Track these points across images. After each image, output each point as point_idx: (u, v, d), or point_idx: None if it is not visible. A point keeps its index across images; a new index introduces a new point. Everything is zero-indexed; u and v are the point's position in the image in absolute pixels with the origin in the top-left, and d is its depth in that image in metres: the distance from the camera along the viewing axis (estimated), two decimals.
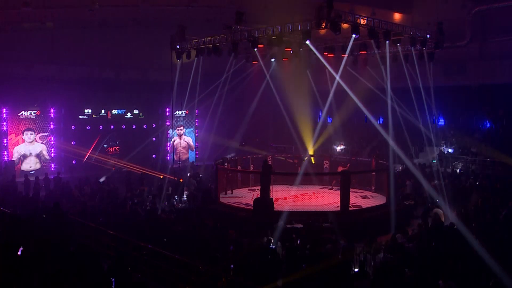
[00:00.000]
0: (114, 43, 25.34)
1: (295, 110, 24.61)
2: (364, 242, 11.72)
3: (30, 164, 24.31)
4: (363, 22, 15.92)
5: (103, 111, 27.00)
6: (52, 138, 25.07)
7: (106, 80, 27.23)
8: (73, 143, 25.37)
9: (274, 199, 15.90)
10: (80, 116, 26.17)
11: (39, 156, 24.64)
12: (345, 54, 19.61)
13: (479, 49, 24.90)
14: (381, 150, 23.08)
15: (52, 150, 25.12)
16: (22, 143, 24.16)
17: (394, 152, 18.41)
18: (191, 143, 30.33)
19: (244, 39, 17.55)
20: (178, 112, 28.14)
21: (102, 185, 19.66)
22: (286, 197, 18.54)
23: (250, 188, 20.05)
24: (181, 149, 29.49)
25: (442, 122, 26.49)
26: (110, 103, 27.24)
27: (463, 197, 17.08)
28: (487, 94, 24.07)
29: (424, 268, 9.76)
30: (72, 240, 11.17)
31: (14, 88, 23.32)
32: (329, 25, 14.71)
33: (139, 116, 28.32)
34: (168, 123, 28.47)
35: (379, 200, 18.09)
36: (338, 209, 15.63)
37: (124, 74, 27.91)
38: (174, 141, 28.87)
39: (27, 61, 24.78)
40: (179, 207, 17.62)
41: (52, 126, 25.05)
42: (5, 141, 23.60)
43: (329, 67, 20.83)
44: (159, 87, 26.13)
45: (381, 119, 27.21)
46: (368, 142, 25.21)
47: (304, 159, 21.86)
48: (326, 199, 18.42)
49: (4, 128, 23.59)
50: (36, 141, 24.57)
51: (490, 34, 24.67)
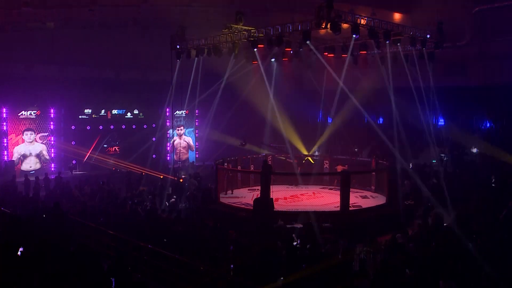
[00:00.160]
0: (114, 43, 25.27)
1: (295, 110, 24.59)
2: (364, 242, 11.71)
3: (30, 164, 24.30)
4: (363, 22, 15.94)
5: (103, 111, 26.99)
6: (52, 138, 25.06)
7: (106, 80, 27.16)
8: (73, 143, 25.36)
9: (274, 199, 15.90)
10: (80, 116, 26.16)
11: (39, 156, 24.64)
12: (345, 55, 19.61)
13: (479, 49, 24.88)
14: (381, 150, 23.06)
15: (52, 150, 25.12)
16: (22, 143, 24.15)
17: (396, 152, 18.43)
18: (191, 143, 30.32)
19: (244, 39, 17.56)
20: (178, 112, 28.13)
21: (102, 185, 19.67)
22: (286, 197, 18.55)
23: (250, 188, 20.06)
24: (181, 149, 29.48)
25: (442, 122, 26.48)
26: (110, 103, 27.22)
27: (463, 197, 17.06)
28: (487, 94, 24.04)
29: (424, 268, 9.75)
30: (72, 240, 11.16)
31: (14, 88, 23.29)
32: (329, 25, 14.72)
33: (139, 116, 28.30)
34: (168, 123, 28.47)
35: (379, 200, 18.11)
36: (338, 209, 15.65)
37: (124, 74, 27.86)
38: (174, 141, 28.87)
39: (27, 61, 24.73)
40: (180, 208, 17.60)
41: (52, 126, 25.04)
42: (5, 141, 23.59)
43: (328, 67, 20.82)
44: (159, 87, 26.08)
45: (381, 119, 27.22)
46: (368, 142, 25.20)
47: (304, 161, 21.86)
48: (326, 199, 18.43)
49: (4, 128, 23.58)
50: (36, 141, 24.56)
51: (490, 34, 24.65)
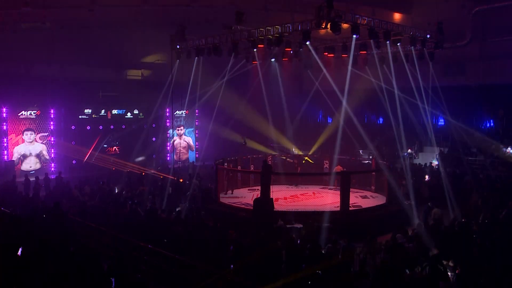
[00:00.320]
0: (114, 43, 25.30)
1: (295, 110, 24.58)
2: (364, 242, 11.71)
3: (30, 164, 24.31)
4: (363, 22, 15.91)
5: (103, 111, 27.00)
6: (52, 138, 25.06)
7: (106, 80, 27.21)
8: (73, 143, 25.37)
9: (274, 199, 15.89)
10: (80, 116, 26.17)
11: (39, 156, 24.64)
12: (345, 55, 19.59)
13: (479, 49, 24.93)
14: (381, 150, 23.06)
15: (52, 150, 25.12)
16: (22, 143, 24.15)
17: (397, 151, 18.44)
18: (191, 143, 30.33)
19: (244, 39, 17.55)
20: (178, 112, 28.13)
21: (102, 185, 19.66)
22: (286, 197, 18.55)
23: (250, 188, 20.06)
24: (181, 149, 29.50)
25: (442, 122, 26.49)
26: (110, 103, 27.23)
27: (463, 197, 17.06)
28: (487, 94, 24.08)
29: (425, 268, 9.75)
30: (72, 240, 11.14)
31: (14, 88, 23.33)
32: (329, 25, 14.71)
33: (139, 116, 28.31)
34: (168, 123, 28.47)
35: (379, 200, 18.10)
36: (338, 209, 15.64)
37: (124, 74, 27.90)
38: (174, 141, 28.88)
39: (27, 61, 24.75)
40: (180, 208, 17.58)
41: (52, 126, 25.04)
42: (5, 141, 23.59)
43: (324, 69, 20.81)
44: (159, 87, 26.16)
45: (381, 119, 27.22)
46: (371, 140, 25.19)
47: (303, 161, 21.86)
48: (326, 199, 18.41)
49: (4, 128, 23.57)
50: (36, 141, 24.55)
51: (490, 34, 24.68)
